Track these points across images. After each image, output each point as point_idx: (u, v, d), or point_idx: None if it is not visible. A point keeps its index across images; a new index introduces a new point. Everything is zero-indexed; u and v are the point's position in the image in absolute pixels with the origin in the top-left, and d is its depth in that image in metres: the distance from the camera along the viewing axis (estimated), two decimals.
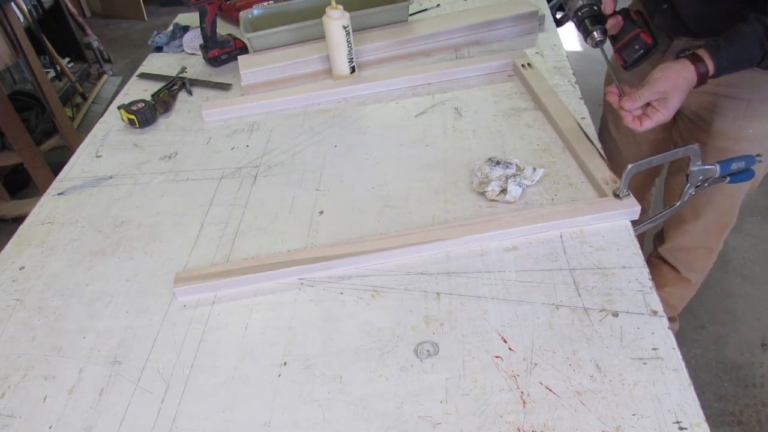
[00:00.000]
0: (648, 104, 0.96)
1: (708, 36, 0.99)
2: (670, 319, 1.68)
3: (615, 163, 1.01)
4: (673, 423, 0.67)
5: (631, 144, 1.36)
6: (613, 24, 1.05)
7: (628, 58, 1.06)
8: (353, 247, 0.93)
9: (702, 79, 0.93)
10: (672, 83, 0.93)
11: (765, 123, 1.14)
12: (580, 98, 1.24)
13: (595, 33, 1.04)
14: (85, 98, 3.37)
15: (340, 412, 0.74)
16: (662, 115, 0.95)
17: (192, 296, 0.92)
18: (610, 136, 1.41)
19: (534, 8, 1.52)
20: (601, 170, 1.02)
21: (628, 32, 1.05)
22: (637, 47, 1.04)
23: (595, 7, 1.05)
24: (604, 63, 1.12)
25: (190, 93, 1.48)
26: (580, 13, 1.05)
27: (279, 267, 0.92)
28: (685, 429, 0.67)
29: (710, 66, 0.92)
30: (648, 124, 0.96)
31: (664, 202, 1.40)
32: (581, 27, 1.06)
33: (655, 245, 1.49)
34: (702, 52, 0.93)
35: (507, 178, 1.02)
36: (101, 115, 1.44)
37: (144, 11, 4.60)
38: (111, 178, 1.21)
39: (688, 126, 1.19)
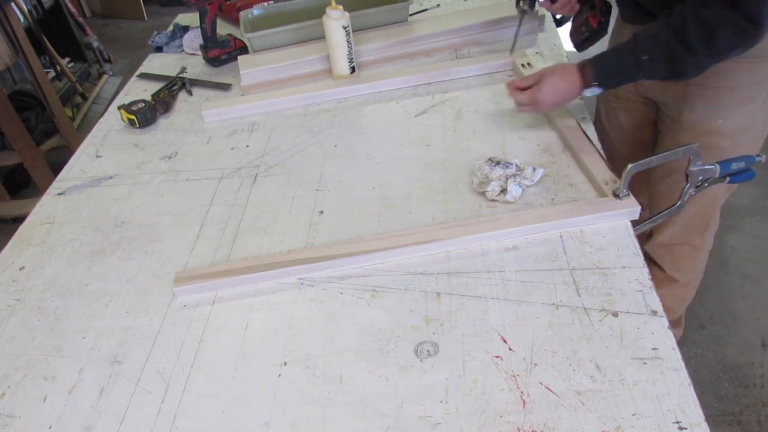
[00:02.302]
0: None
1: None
2: (674, 324, 1.68)
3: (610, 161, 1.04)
4: (673, 423, 0.67)
5: (619, 132, 1.37)
6: (566, 5, 1.14)
7: (575, 40, 1.11)
8: (353, 247, 0.93)
9: (583, 75, 1.03)
10: (549, 69, 1.07)
11: (734, 113, 1.12)
12: (580, 98, 1.23)
13: (521, 1, 1.11)
14: (85, 98, 3.37)
15: (340, 412, 0.74)
16: (534, 92, 1.05)
17: (192, 296, 0.92)
18: (602, 125, 1.42)
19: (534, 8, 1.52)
20: (601, 170, 1.02)
21: (580, 17, 1.09)
22: (583, 29, 1.10)
23: None
24: None
25: (190, 93, 1.48)
26: None
27: (279, 267, 0.92)
28: (685, 429, 0.67)
29: (588, 66, 1.02)
30: (522, 98, 1.08)
31: (652, 206, 1.38)
32: None
33: (641, 243, 1.48)
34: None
35: (507, 178, 1.02)
36: (101, 115, 1.44)
37: (144, 11, 4.60)
38: (111, 178, 1.21)
39: (663, 119, 1.20)
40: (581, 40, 1.10)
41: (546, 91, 1.05)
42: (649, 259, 1.45)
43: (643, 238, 1.46)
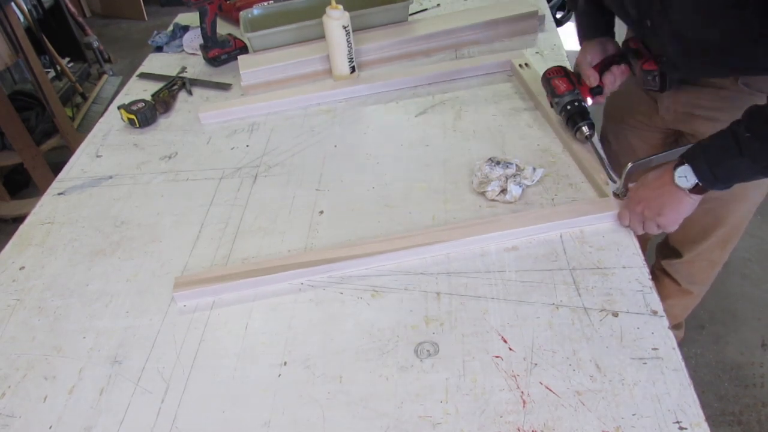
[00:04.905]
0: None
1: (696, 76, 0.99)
2: (675, 327, 1.67)
3: (616, 174, 1.00)
4: (673, 423, 0.67)
5: (631, 156, 1.34)
6: (617, 77, 1.07)
7: (653, 89, 1.04)
8: (354, 250, 0.93)
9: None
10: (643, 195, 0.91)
11: None
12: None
13: (584, 128, 1.07)
14: (85, 98, 3.37)
15: (340, 412, 0.74)
16: (660, 221, 0.90)
17: (192, 300, 0.92)
18: (611, 149, 1.40)
19: (534, 8, 1.52)
20: (601, 170, 1.02)
21: (635, 71, 1.05)
22: (650, 78, 1.03)
23: (583, 103, 1.08)
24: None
25: (190, 93, 1.48)
26: (569, 108, 1.09)
27: (279, 270, 0.91)
28: (685, 429, 0.67)
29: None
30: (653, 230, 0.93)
31: None
32: (570, 122, 1.09)
33: (657, 257, 1.47)
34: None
35: (507, 178, 1.02)
36: (101, 115, 1.44)
37: (144, 11, 4.60)
38: (111, 178, 1.21)
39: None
40: (659, 87, 1.04)
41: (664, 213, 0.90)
42: (665, 273, 1.44)
43: (660, 255, 1.44)
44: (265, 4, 1.60)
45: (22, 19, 2.93)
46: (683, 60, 0.95)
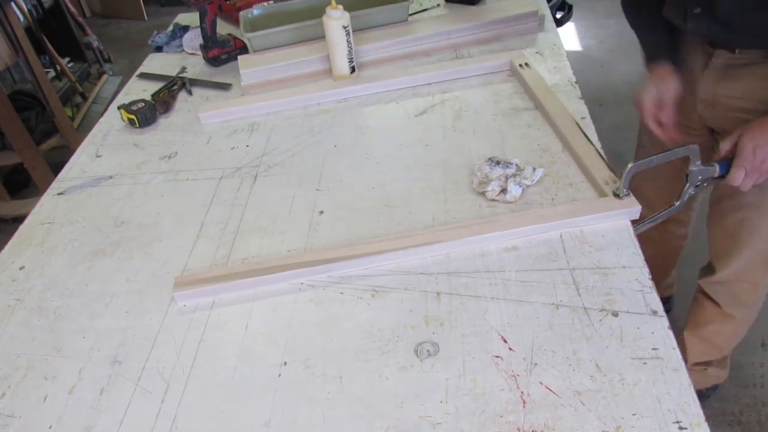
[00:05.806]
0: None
1: (755, 47, 0.95)
2: (717, 365, 1.50)
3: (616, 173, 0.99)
4: (673, 423, 0.67)
5: (669, 166, 1.32)
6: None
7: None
8: (353, 250, 0.93)
9: None
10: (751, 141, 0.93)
11: None
12: (580, 98, 1.24)
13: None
14: (85, 98, 3.37)
15: (340, 412, 0.74)
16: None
17: (192, 300, 0.92)
18: (642, 139, 1.38)
19: (534, 8, 1.52)
20: (601, 170, 1.02)
21: None
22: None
23: None
24: (604, 63, 1.12)
25: (190, 93, 1.48)
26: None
27: (279, 270, 0.91)
28: (685, 429, 0.67)
29: None
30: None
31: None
32: None
33: (698, 278, 1.39)
34: None
35: (507, 178, 1.02)
36: (101, 115, 1.44)
37: (144, 11, 4.61)
38: (111, 178, 1.21)
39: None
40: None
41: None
42: (706, 296, 1.38)
43: (702, 276, 1.38)
44: (265, 4, 1.60)
45: (22, 19, 2.94)
46: (738, 11, 0.93)
